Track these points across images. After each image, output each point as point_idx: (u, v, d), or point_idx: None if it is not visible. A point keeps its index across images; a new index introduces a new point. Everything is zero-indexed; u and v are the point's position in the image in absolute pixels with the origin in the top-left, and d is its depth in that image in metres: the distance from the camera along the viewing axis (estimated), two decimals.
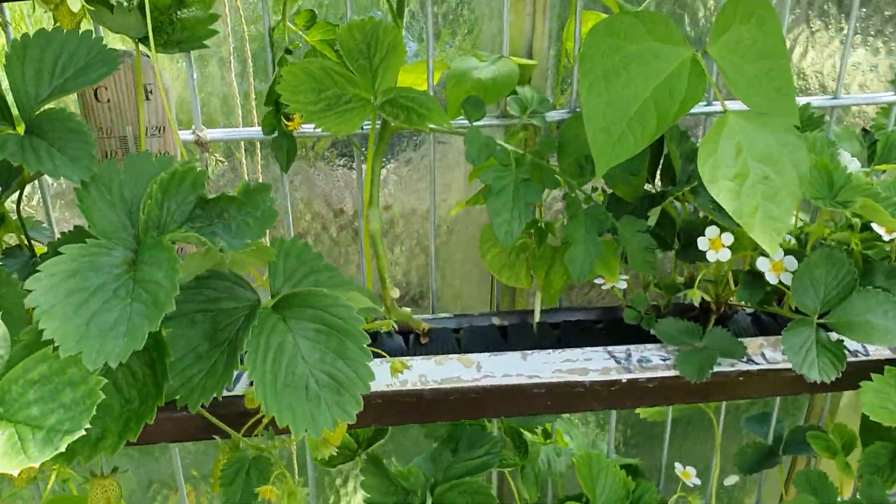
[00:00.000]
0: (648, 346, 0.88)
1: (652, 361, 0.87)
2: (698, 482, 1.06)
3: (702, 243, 0.84)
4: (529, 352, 0.86)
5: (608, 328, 0.94)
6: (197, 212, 0.58)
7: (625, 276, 0.91)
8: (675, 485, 1.11)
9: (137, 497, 1.18)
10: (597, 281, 0.92)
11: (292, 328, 0.60)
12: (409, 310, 0.86)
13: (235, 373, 0.64)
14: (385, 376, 0.79)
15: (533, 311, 0.93)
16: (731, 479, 1.20)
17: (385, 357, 0.79)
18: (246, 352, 0.57)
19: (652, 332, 0.89)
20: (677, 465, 1.07)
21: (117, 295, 0.54)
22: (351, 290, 0.65)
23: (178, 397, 0.59)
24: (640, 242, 0.83)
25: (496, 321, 0.94)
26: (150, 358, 0.59)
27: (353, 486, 1.25)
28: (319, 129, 0.73)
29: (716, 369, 0.85)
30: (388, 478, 0.94)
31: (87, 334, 0.52)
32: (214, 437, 0.77)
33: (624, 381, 0.85)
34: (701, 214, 0.90)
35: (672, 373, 0.85)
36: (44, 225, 0.82)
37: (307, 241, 1.02)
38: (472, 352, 0.87)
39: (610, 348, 0.88)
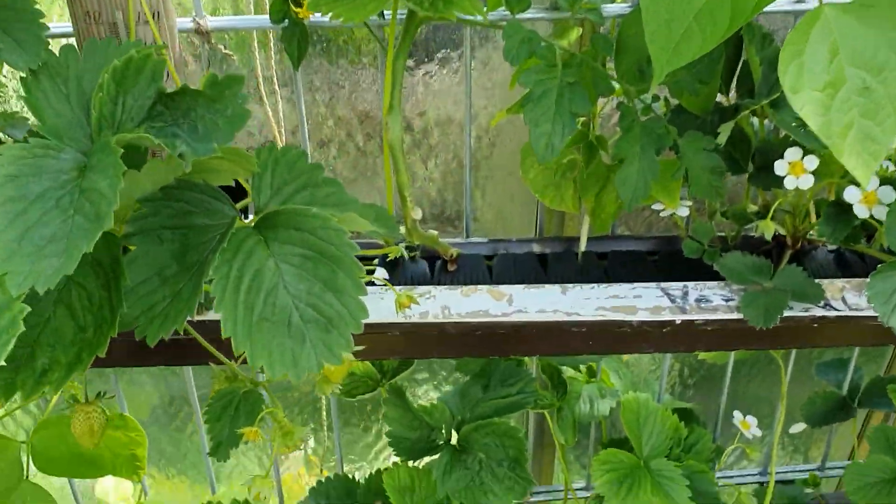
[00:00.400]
0: (709, 283, 0.77)
1: (712, 302, 0.75)
2: (759, 433, 0.96)
3: (780, 167, 0.72)
4: (570, 285, 0.76)
5: (664, 261, 0.83)
6: (158, 108, 0.49)
7: (688, 203, 0.79)
8: (735, 431, 1.00)
9: (159, 413, 1.14)
10: (655, 207, 0.81)
11: (275, 253, 0.51)
12: (434, 232, 0.76)
13: None
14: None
15: (579, 239, 0.82)
16: (797, 427, 1.08)
17: (386, 285, 0.69)
18: (212, 279, 0.48)
19: (715, 267, 0.77)
20: (736, 413, 0.97)
21: (60, 205, 0.46)
22: (349, 209, 0.55)
23: (136, 327, 0.51)
24: (706, 163, 0.71)
25: (536, 248, 0.83)
26: (107, 280, 0.51)
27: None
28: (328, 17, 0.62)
29: (787, 314, 0.73)
30: (410, 411, 0.86)
31: (18, 251, 0.44)
32: (209, 363, 0.69)
33: (678, 322, 0.74)
34: (781, 133, 0.77)
35: (735, 315, 0.75)
36: (30, 121, 0.74)
37: (330, 150, 0.92)
38: (504, 282, 0.77)
39: (664, 285, 0.77)
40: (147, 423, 1.14)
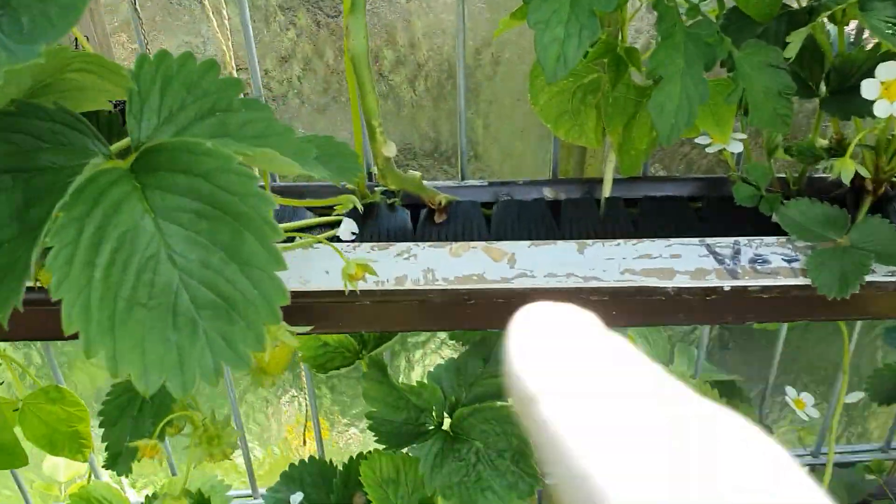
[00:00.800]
0: (767, 239, 0.61)
1: (771, 263, 0.59)
2: (816, 415, 0.80)
3: (868, 88, 0.55)
4: (589, 241, 0.59)
5: (711, 210, 0.66)
6: None
7: (740, 136, 0.63)
8: (783, 403, 0.85)
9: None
10: (699, 141, 0.64)
11: (155, 206, 0.35)
12: (416, 174, 0.60)
13: None
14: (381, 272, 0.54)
15: (602, 181, 0.66)
16: (854, 396, 0.92)
17: (351, 241, 0.53)
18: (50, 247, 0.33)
19: (774, 218, 0.61)
20: (789, 390, 0.81)
21: None
22: (277, 144, 0.39)
23: None
24: (771, 82, 0.54)
25: (547, 193, 0.67)
26: None
27: None
28: None
29: (867, 278, 0.57)
30: (395, 389, 0.71)
31: None
32: None
33: (726, 289, 0.59)
34: (867, 42, 0.60)
35: (800, 280, 0.59)
36: None
37: (293, 68, 0.75)
38: (506, 237, 0.61)
39: (709, 241, 0.61)
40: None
